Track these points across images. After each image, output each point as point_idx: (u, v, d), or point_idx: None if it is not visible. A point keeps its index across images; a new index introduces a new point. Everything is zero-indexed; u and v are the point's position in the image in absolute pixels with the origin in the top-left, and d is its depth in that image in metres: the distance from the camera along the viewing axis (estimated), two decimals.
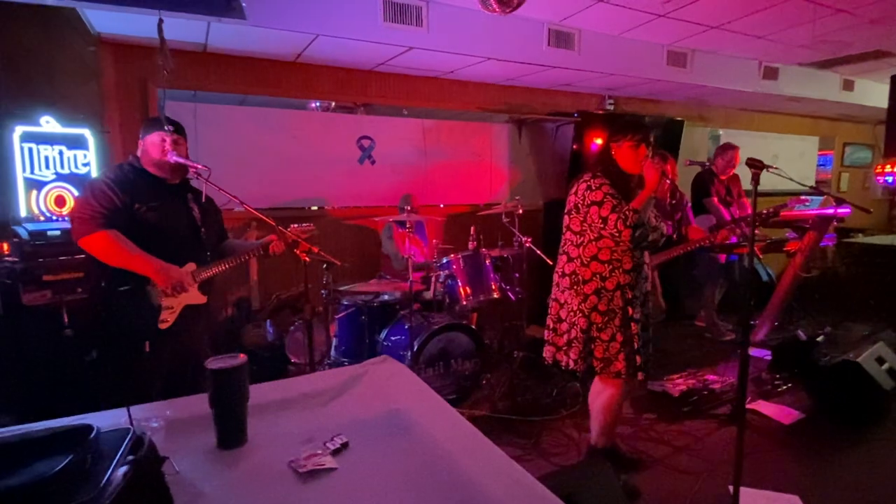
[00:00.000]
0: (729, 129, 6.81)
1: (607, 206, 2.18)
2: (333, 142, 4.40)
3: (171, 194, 2.16)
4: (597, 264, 2.26)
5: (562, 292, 2.35)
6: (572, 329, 2.30)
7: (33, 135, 3.05)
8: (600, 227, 2.22)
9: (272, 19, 3.17)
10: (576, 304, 2.28)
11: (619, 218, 2.15)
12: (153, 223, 2.05)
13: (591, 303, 2.26)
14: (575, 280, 2.29)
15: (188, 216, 2.19)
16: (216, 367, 1.17)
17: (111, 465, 0.85)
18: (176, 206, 2.17)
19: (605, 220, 2.19)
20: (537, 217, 5.28)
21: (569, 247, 2.35)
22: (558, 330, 2.38)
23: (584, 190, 2.25)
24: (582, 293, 2.27)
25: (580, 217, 2.29)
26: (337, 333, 3.49)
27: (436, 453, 1.16)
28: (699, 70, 4.99)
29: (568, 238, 2.36)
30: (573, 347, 2.29)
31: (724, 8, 3.79)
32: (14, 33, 3.08)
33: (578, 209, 2.28)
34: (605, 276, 2.26)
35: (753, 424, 3.05)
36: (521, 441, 2.84)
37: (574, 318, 2.29)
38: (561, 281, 2.36)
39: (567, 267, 2.33)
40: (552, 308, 2.42)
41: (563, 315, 2.35)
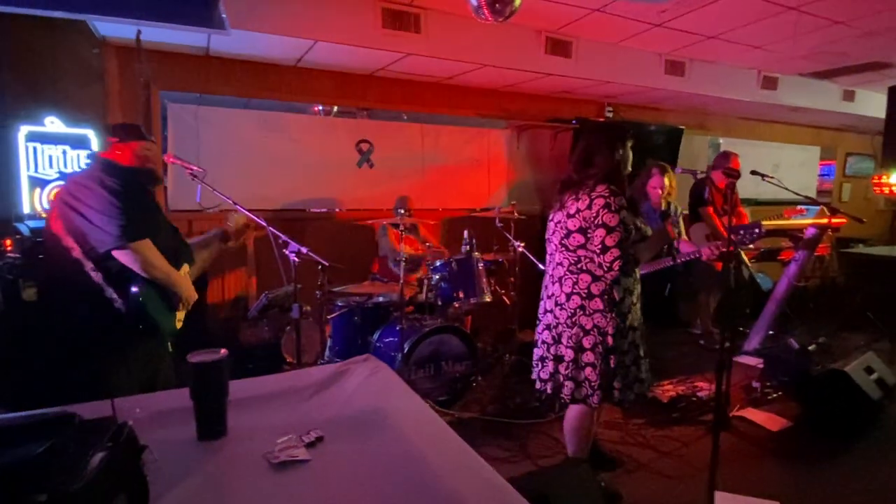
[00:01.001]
0: (729, 137, 6.83)
1: (615, 236, 2.05)
2: (333, 145, 4.46)
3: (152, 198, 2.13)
4: (624, 279, 2.16)
5: (590, 316, 2.14)
6: (610, 356, 2.14)
7: (38, 134, 3.13)
8: (596, 250, 2.09)
9: (270, 24, 3.24)
10: (613, 327, 2.12)
11: (618, 258, 2.04)
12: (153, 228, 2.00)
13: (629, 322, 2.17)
14: (610, 300, 2.13)
15: (166, 220, 2.16)
16: (197, 360, 1.21)
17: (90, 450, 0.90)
18: (157, 210, 2.13)
19: (605, 248, 2.06)
20: (534, 222, 5.31)
21: (590, 265, 2.15)
22: (580, 361, 2.17)
23: (602, 207, 2.07)
24: (622, 314, 2.15)
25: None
26: (331, 334, 3.54)
27: (408, 451, 1.19)
28: (698, 79, 5.03)
29: (584, 255, 2.15)
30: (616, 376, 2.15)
31: (720, 19, 3.84)
32: (20, 36, 3.17)
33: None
34: (632, 290, 2.19)
35: (741, 431, 3.07)
36: (508, 443, 2.87)
37: (614, 343, 2.13)
38: (589, 304, 2.14)
39: (595, 287, 2.13)
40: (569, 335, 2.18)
41: (589, 343, 2.15)
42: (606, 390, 2.15)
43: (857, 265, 6.03)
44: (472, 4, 2.73)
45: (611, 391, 2.15)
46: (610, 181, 2.13)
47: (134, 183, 1.99)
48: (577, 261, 2.17)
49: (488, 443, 2.86)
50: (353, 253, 4.35)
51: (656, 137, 5.59)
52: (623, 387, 2.16)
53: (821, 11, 3.67)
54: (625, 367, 2.16)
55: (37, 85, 3.23)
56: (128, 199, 1.86)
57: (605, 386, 2.14)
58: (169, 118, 3.83)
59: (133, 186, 1.97)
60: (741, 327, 4.57)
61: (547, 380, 2.26)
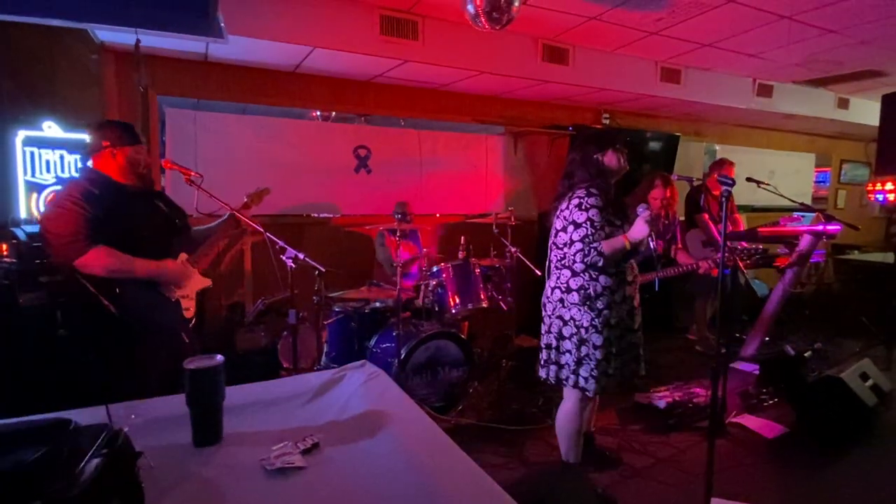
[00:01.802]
0: (725, 144, 6.87)
1: (581, 231, 2.19)
2: (330, 151, 4.47)
3: (136, 199, 2.16)
4: (605, 278, 2.26)
5: (568, 309, 2.30)
6: (582, 346, 2.26)
7: (35, 139, 3.13)
8: (556, 243, 2.29)
9: (268, 31, 3.26)
10: (587, 320, 2.25)
11: (581, 251, 2.18)
12: (128, 229, 2.06)
13: (604, 318, 2.26)
14: (585, 295, 2.26)
15: (160, 214, 2.22)
16: (193, 367, 1.21)
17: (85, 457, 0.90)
18: (143, 209, 2.18)
19: (570, 242, 2.22)
20: (532, 228, 5.33)
21: (570, 261, 2.30)
22: (561, 348, 2.34)
23: (575, 206, 2.24)
24: (595, 308, 2.25)
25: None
26: (328, 339, 3.54)
27: (404, 458, 1.19)
28: (693, 86, 5.07)
29: (568, 252, 2.30)
30: (584, 365, 2.27)
31: (716, 27, 3.88)
32: (19, 41, 3.17)
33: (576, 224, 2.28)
34: (614, 290, 2.28)
35: (736, 438, 3.08)
36: (505, 449, 2.87)
37: (587, 335, 2.26)
38: (567, 297, 2.30)
39: (573, 282, 2.28)
40: (554, 325, 2.36)
41: (567, 333, 2.31)
42: (576, 377, 2.30)
43: (852, 272, 6.07)
44: (470, 12, 2.75)
45: (578, 378, 2.30)
46: (593, 186, 2.28)
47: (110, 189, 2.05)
48: (562, 257, 2.34)
49: (485, 449, 2.86)
50: (350, 258, 4.35)
51: (653, 144, 5.62)
52: (588, 376, 2.28)
53: (813, 20, 3.71)
54: (595, 359, 2.26)
55: (35, 90, 3.24)
56: (81, 213, 1.95)
57: (577, 373, 2.30)
58: (167, 123, 3.83)
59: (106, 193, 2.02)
60: (737, 333, 4.59)
61: (543, 365, 2.43)
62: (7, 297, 2.81)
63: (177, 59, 3.73)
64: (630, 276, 2.35)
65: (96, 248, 1.95)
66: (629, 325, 2.35)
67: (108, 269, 1.97)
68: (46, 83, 3.26)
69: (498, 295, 3.79)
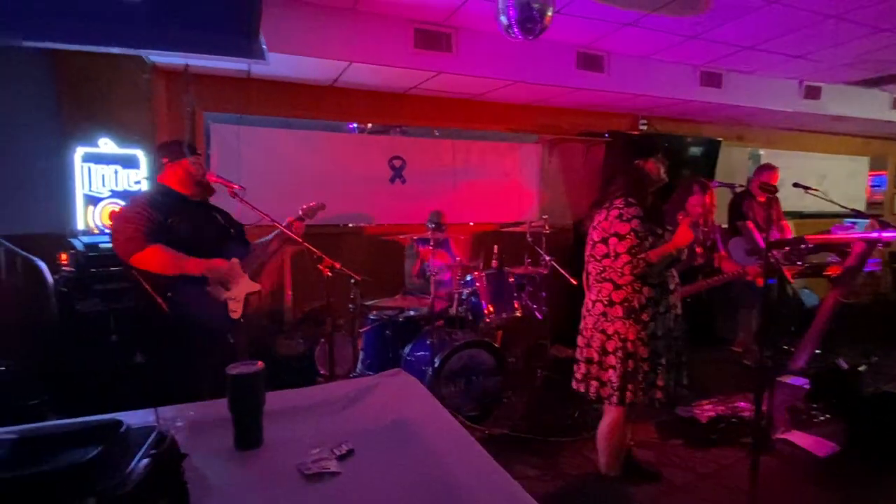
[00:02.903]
0: (771, 149, 6.63)
1: (626, 244, 2.17)
2: (366, 162, 4.56)
3: (196, 208, 2.33)
4: (649, 289, 2.23)
5: (611, 322, 2.26)
6: (629, 360, 2.22)
7: (92, 155, 3.33)
8: (610, 256, 2.22)
9: (308, 48, 3.37)
10: (633, 333, 2.22)
11: (629, 262, 2.16)
12: (188, 233, 2.22)
13: (650, 330, 2.22)
14: (630, 308, 2.23)
15: (216, 223, 2.37)
16: (235, 372, 1.26)
17: (135, 457, 0.95)
18: (202, 217, 2.34)
19: (616, 255, 2.19)
20: (567, 236, 5.27)
21: (612, 273, 2.27)
22: (604, 363, 2.29)
23: (615, 217, 2.22)
24: (641, 321, 2.22)
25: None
26: (363, 347, 3.59)
27: (437, 466, 1.20)
28: (735, 90, 4.93)
29: (608, 265, 2.28)
30: (632, 380, 2.22)
31: (758, 29, 3.76)
32: (78, 65, 3.39)
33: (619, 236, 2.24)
34: (658, 300, 2.25)
35: (784, 455, 2.94)
36: (540, 461, 2.83)
37: (633, 349, 2.22)
38: (610, 310, 2.27)
39: (616, 295, 2.25)
40: (596, 339, 2.32)
41: (611, 347, 2.26)
42: (622, 392, 2.25)
43: None
44: (503, 23, 2.77)
45: (624, 393, 2.25)
46: (631, 195, 2.25)
47: (173, 199, 2.23)
48: (601, 270, 2.31)
49: (519, 460, 2.83)
50: (385, 267, 4.41)
51: (693, 150, 5.48)
52: (635, 389, 2.23)
53: (863, 19, 3.55)
54: (642, 372, 2.22)
55: (92, 109, 3.45)
56: (144, 214, 2.12)
57: (622, 388, 2.25)
58: (212, 139, 4.00)
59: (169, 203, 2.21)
60: (785, 346, 4.38)
61: (581, 380, 2.39)
62: (66, 304, 2.98)
63: (221, 76, 3.90)
64: (672, 284, 2.31)
65: (153, 245, 2.10)
66: (675, 334, 2.31)
67: (161, 265, 2.11)
68: (103, 103, 3.47)
69: (532, 304, 3.77)
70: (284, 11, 3.26)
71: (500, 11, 2.74)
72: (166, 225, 2.16)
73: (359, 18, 3.49)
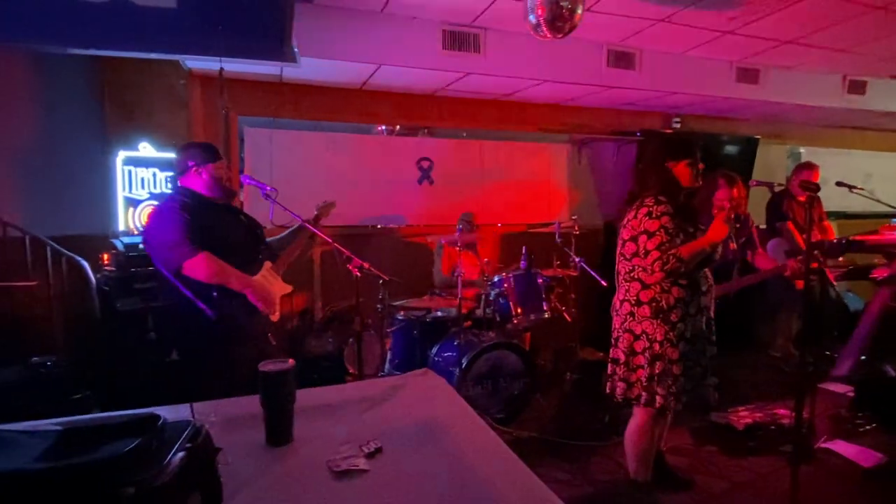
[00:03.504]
0: (812, 146, 6.38)
1: (656, 240, 2.13)
2: (394, 163, 4.60)
3: (223, 211, 2.35)
4: (678, 289, 2.18)
5: (639, 322, 2.22)
6: (657, 362, 2.17)
7: (132, 159, 3.45)
8: (640, 254, 2.18)
9: (338, 52, 3.41)
10: (661, 334, 2.17)
11: (659, 258, 2.10)
12: (221, 237, 2.23)
13: (678, 331, 2.17)
14: (658, 308, 2.18)
15: (243, 226, 2.40)
16: (267, 370, 1.29)
17: (172, 450, 0.98)
18: (230, 220, 2.37)
19: (646, 252, 2.15)
20: (597, 237, 5.20)
21: (641, 273, 2.23)
22: (631, 364, 2.24)
23: (644, 215, 2.18)
24: (669, 322, 2.17)
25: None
26: (391, 347, 3.62)
27: (463, 467, 1.20)
28: (774, 86, 4.76)
29: (637, 264, 2.24)
30: (661, 382, 2.17)
31: (798, 22, 3.63)
32: (120, 72, 3.53)
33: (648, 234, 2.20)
34: (688, 301, 2.19)
35: (827, 465, 2.82)
36: (568, 465, 2.79)
37: (661, 350, 2.17)
38: (638, 310, 2.23)
39: (644, 294, 2.21)
40: (623, 340, 2.28)
41: (639, 348, 2.22)
42: (651, 395, 2.19)
43: None
44: (531, 22, 2.75)
45: (653, 396, 2.18)
46: (662, 195, 2.20)
47: (201, 204, 2.24)
48: (630, 269, 2.26)
49: (547, 463, 2.80)
50: (413, 267, 4.44)
51: (729, 148, 5.33)
52: (667, 394, 2.16)
53: None
54: (672, 375, 2.16)
55: (133, 114, 3.58)
56: (183, 220, 2.11)
57: (651, 390, 2.19)
58: (246, 142, 4.10)
59: (198, 207, 2.21)
60: (827, 351, 4.21)
61: (606, 380, 2.36)
62: (107, 302, 3.10)
63: (255, 81, 3.99)
64: (704, 285, 2.24)
65: (202, 253, 2.10)
66: (707, 336, 2.24)
67: (210, 275, 2.11)
68: (142, 108, 3.60)
69: (561, 306, 3.72)
70: (315, 16, 3.32)
71: (528, 10, 2.72)
72: (199, 230, 2.15)
73: (387, 21, 3.52)
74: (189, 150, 2.33)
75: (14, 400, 2.56)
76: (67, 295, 3.39)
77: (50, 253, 3.30)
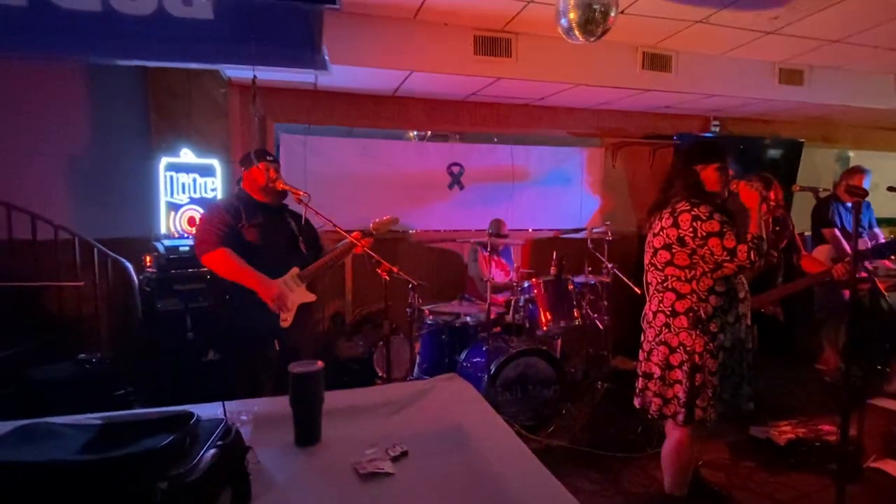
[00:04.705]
0: (861, 150, 6.09)
1: (730, 236, 2.01)
2: (425, 168, 4.63)
3: (271, 213, 2.46)
4: (715, 297, 2.10)
5: (676, 334, 2.13)
6: (696, 374, 2.09)
7: (174, 165, 3.59)
8: (725, 259, 2.04)
9: (371, 59, 3.47)
10: (701, 345, 2.09)
11: (750, 248, 1.98)
12: (257, 237, 2.35)
13: (719, 341, 2.10)
14: (696, 318, 2.10)
15: (287, 230, 2.48)
16: (297, 371, 1.31)
17: (204, 447, 1.01)
18: (276, 222, 2.46)
19: (732, 251, 2.00)
20: (631, 243, 5.09)
21: (675, 283, 2.15)
22: (668, 378, 2.15)
23: (692, 221, 2.06)
24: (709, 332, 2.09)
25: (687, 250, 2.10)
26: (420, 351, 3.63)
27: (489, 474, 1.19)
28: (820, 87, 4.57)
29: (672, 274, 2.15)
30: (700, 394, 2.09)
31: (845, 21, 3.48)
32: (164, 81, 3.68)
33: (685, 242, 2.08)
34: (727, 309, 2.12)
35: (877, 486, 2.66)
36: (599, 476, 2.73)
37: (701, 361, 2.09)
38: (674, 321, 2.14)
39: (679, 305, 2.13)
40: (657, 352, 2.19)
41: (677, 361, 2.14)
42: (690, 409, 2.11)
43: None
44: (563, 26, 2.73)
45: (692, 410, 2.11)
46: (695, 197, 2.13)
47: (249, 204, 2.37)
48: (664, 279, 2.18)
49: (577, 473, 2.74)
50: (443, 272, 4.45)
51: (771, 152, 5.13)
52: (706, 405, 2.09)
53: None
54: (712, 386, 2.09)
55: (176, 122, 3.73)
56: (218, 218, 2.30)
57: (690, 405, 2.11)
58: (281, 148, 4.21)
59: (245, 207, 2.35)
60: (878, 365, 3.99)
61: (636, 394, 2.29)
62: (148, 303, 3.22)
63: (290, 89, 4.10)
64: (742, 292, 2.16)
65: (221, 249, 2.26)
66: (746, 345, 2.17)
67: (224, 269, 2.28)
68: (185, 115, 3.74)
69: (593, 313, 3.66)
70: (349, 24, 3.38)
71: (560, 14, 2.70)
72: (237, 229, 2.30)
73: (419, 28, 3.55)
74: (245, 155, 2.51)
75: (63, 395, 2.69)
76: (112, 295, 3.55)
77: (97, 254, 3.46)
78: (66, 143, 3.60)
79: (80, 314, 3.47)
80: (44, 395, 2.69)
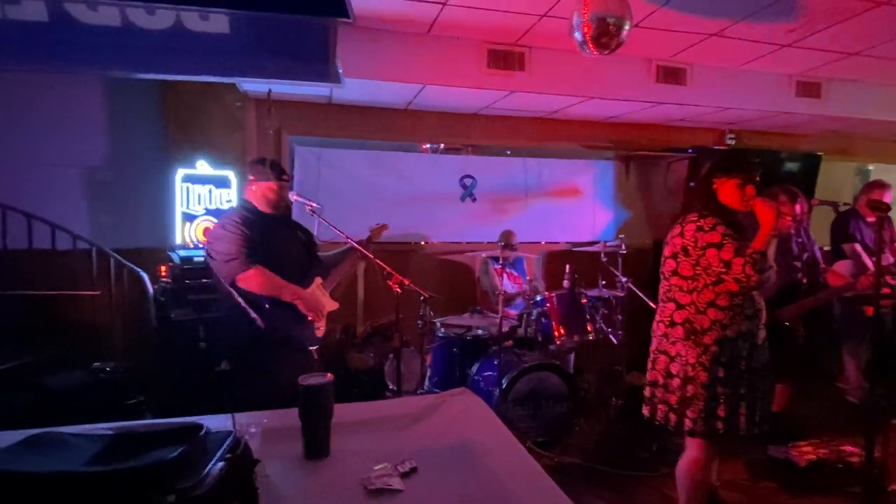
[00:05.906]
0: (882, 163, 5.98)
1: (729, 248, 2.00)
2: (437, 181, 4.65)
3: (281, 226, 2.42)
4: (715, 311, 2.08)
5: (673, 344, 2.15)
6: (688, 385, 2.09)
7: (190, 176, 3.64)
8: (721, 271, 2.03)
9: (385, 73, 3.50)
10: (693, 356, 2.09)
11: (746, 262, 1.96)
12: (276, 250, 2.30)
13: (712, 354, 2.08)
14: (691, 329, 2.10)
15: (298, 240, 2.46)
16: (306, 383, 1.30)
17: (212, 460, 1.00)
18: (286, 235, 2.44)
19: (727, 263, 1.99)
20: (646, 257, 5.03)
21: (677, 293, 2.16)
22: (669, 386, 2.16)
23: (695, 231, 2.07)
24: (702, 344, 2.08)
25: (691, 260, 2.10)
26: (431, 364, 3.60)
27: (499, 492, 1.17)
28: (837, 100, 4.51)
29: (675, 283, 2.17)
30: (692, 405, 2.09)
31: (862, 33, 3.44)
32: (182, 95, 3.75)
33: (688, 252, 2.10)
34: (726, 324, 2.08)
35: None
36: (612, 496, 2.67)
37: (693, 373, 2.08)
38: (671, 331, 2.16)
39: (678, 315, 2.14)
40: (659, 361, 2.21)
41: (675, 370, 2.14)
42: (679, 417, 2.11)
43: None
44: (577, 39, 2.73)
45: (682, 419, 2.10)
46: (707, 209, 2.13)
47: (260, 217, 2.31)
48: (668, 289, 2.19)
49: (590, 492, 2.68)
50: (454, 284, 4.43)
51: (788, 165, 5.07)
52: (696, 418, 2.07)
53: None
54: (703, 399, 2.06)
55: (193, 134, 3.79)
56: (241, 235, 2.19)
57: (681, 412, 2.11)
58: (295, 160, 4.25)
59: (257, 220, 2.28)
60: None
61: (645, 402, 2.28)
62: (162, 312, 3.25)
63: (305, 102, 4.15)
64: (750, 309, 2.10)
65: (256, 267, 2.18)
66: (749, 365, 2.10)
67: (262, 287, 2.19)
68: (201, 128, 3.80)
69: (607, 327, 3.61)
70: (363, 38, 3.42)
71: (573, 28, 2.70)
72: (257, 243, 2.23)
73: (433, 42, 3.58)
74: (255, 165, 2.43)
75: (77, 403, 2.71)
76: (127, 304, 3.59)
77: (113, 264, 3.50)
78: (85, 155, 3.68)
79: (95, 323, 3.51)
80: (59, 403, 2.71)
